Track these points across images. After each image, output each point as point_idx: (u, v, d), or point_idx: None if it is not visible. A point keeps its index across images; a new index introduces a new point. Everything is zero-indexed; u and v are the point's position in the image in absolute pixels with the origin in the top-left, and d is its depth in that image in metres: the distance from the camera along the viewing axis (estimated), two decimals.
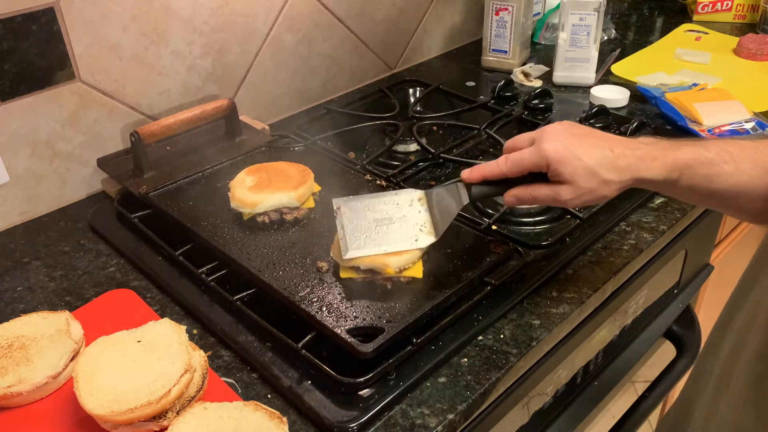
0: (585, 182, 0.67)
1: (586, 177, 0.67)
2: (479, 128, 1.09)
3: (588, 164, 0.67)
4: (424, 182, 0.98)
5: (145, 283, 0.83)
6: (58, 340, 0.69)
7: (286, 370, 0.68)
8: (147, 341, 0.66)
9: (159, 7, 0.99)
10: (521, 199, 0.71)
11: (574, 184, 0.68)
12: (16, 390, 0.64)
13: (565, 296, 0.78)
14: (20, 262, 0.88)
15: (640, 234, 0.89)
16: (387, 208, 0.76)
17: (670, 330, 1.10)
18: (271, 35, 1.15)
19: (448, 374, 0.69)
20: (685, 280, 1.10)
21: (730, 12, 1.59)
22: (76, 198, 1.01)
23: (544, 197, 0.70)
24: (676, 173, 0.66)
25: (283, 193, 0.85)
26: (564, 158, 0.67)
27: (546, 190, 0.70)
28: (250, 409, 0.62)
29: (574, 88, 1.30)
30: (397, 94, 1.23)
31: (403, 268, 0.73)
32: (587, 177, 0.67)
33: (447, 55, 1.50)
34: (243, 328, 0.73)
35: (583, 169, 0.67)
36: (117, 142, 1.02)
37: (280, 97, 1.22)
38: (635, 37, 1.56)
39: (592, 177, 0.67)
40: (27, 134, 0.92)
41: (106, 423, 0.61)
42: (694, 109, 1.11)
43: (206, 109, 1.00)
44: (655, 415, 1.45)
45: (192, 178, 0.95)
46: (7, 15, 0.85)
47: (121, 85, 0.99)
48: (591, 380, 0.94)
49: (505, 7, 1.31)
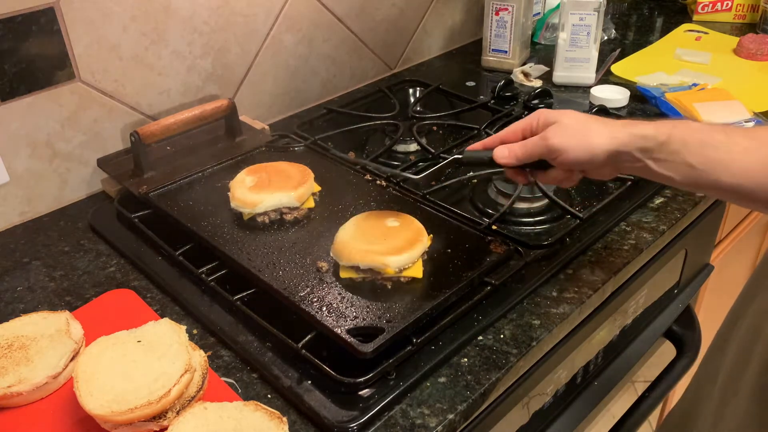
0: (569, 119, 0.68)
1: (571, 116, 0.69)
2: (479, 128, 1.09)
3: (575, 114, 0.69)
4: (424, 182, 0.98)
5: (145, 283, 0.83)
6: (58, 340, 0.69)
7: (286, 370, 0.68)
8: (147, 341, 0.66)
9: (159, 7, 0.99)
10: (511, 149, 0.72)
11: (559, 122, 0.69)
12: (16, 390, 0.64)
13: (565, 296, 0.78)
14: (20, 262, 0.88)
15: (640, 234, 0.89)
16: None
17: (670, 330, 1.10)
18: (271, 35, 1.15)
19: (448, 374, 0.69)
20: (685, 280, 1.10)
21: (730, 12, 1.59)
22: (76, 198, 1.01)
23: (532, 142, 0.71)
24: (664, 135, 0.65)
25: (283, 193, 0.85)
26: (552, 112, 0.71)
27: (535, 137, 0.71)
28: (250, 409, 0.62)
29: (574, 88, 1.30)
30: (397, 94, 1.23)
31: (403, 268, 0.73)
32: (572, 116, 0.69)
33: (447, 55, 1.50)
34: (243, 328, 0.73)
35: (570, 114, 0.69)
36: (117, 142, 1.02)
37: (280, 97, 1.22)
38: (635, 37, 1.56)
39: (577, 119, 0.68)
40: (27, 134, 0.92)
41: (106, 423, 0.61)
42: (694, 109, 1.11)
43: (206, 109, 1.00)
44: (655, 415, 1.45)
45: (192, 178, 0.95)
46: (7, 15, 0.85)
47: (121, 85, 0.99)
48: (591, 380, 0.94)
49: (505, 7, 1.31)
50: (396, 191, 0.92)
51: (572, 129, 0.68)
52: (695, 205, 0.95)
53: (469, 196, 0.95)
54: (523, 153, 0.71)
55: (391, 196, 0.91)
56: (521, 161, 0.72)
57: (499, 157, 0.72)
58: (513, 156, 0.72)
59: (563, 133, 0.68)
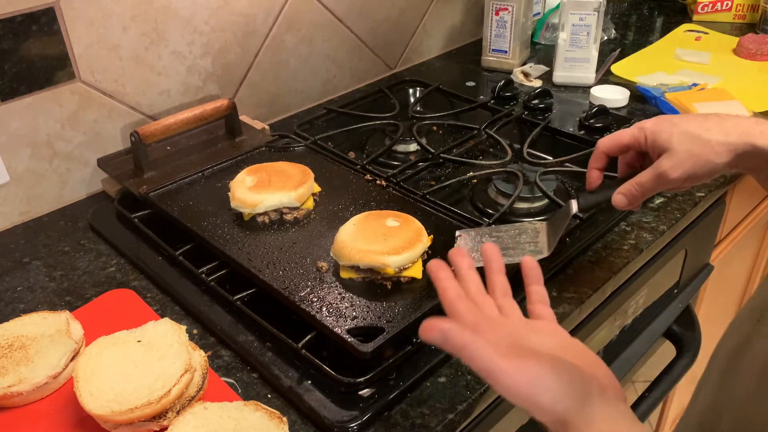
0: (682, 145, 0.62)
1: (683, 139, 0.62)
2: (479, 128, 1.09)
3: (685, 128, 0.62)
4: (424, 182, 0.98)
5: (145, 283, 0.83)
6: (58, 340, 0.69)
7: (286, 370, 0.68)
8: (147, 341, 0.66)
9: (159, 7, 0.99)
10: (628, 194, 0.67)
11: (672, 149, 0.62)
12: (16, 390, 0.64)
13: (565, 296, 0.78)
14: (20, 262, 0.88)
15: (640, 234, 0.89)
16: (504, 234, 0.76)
17: (670, 330, 1.10)
18: (271, 35, 1.15)
19: (448, 374, 0.69)
20: (685, 280, 1.10)
21: (730, 12, 1.59)
22: (76, 198, 1.01)
23: (647, 179, 0.65)
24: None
25: (283, 193, 0.85)
26: (660, 127, 0.64)
27: (648, 171, 0.65)
28: (250, 409, 0.62)
29: (574, 88, 1.30)
30: (397, 94, 1.23)
31: (403, 268, 0.73)
32: (685, 139, 0.62)
33: (447, 55, 1.50)
34: (243, 328, 0.73)
35: (680, 133, 0.62)
36: (117, 142, 1.02)
37: (280, 97, 1.22)
38: (635, 37, 1.56)
39: (691, 139, 0.62)
40: (27, 134, 0.92)
41: (106, 423, 0.61)
42: (694, 109, 1.11)
43: (206, 109, 1.00)
44: (655, 415, 1.45)
45: (192, 178, 0.95)
46: (7, 15, 0.85)
47: (121, 85, 0.99)
48: None
49: (505, 7, 1.31)
50: (396, 191, 0.92)
51: (687, 153, 0.62)
52: (695, 205, 0.95)
53: (469, 196, 0.95)
54: (642, 194, 0.67)
55: (391, 196, 0.91)
56: (641, 201, 0.69)
57: (621, 207, 0.69)
58: (633, 202, 0.68)
59: (679, 162, 0.63)
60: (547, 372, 0.46)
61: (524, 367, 0.46)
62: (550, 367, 0.46)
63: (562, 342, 0.52)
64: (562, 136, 1.09)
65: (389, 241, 0.75)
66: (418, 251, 0.75)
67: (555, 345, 0.51)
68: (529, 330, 0.52)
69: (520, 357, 0.46)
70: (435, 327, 0.47)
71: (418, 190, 0.91)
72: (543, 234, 0.74)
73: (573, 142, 1.07)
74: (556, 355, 0.48)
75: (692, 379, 1.36)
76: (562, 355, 0.49)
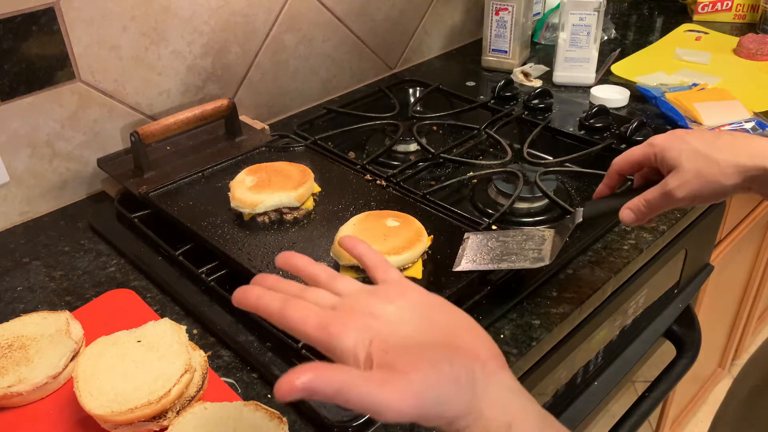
0: (691, 163, 0.60)
1: (692, 157, 0.60)
2: (479, 128, 1.09)
3: (695, 145, 0.60)
4: (424, 182, 0.98)
5: (145, 283, 0.83)
6: (58, 340, 0.69)
7: (286, 370, 0.68)
8: (147, 341, 0.66)
9: (159, 7, 0.99)
10: (636, 210, 0.66)
11: (680, 167, 0.61)
12: (16, 390, 0.64)
13: (565, 296, 0.78)
14: (20, 262, 0.88)
15: (640, 234, 0.89)
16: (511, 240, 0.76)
17: (670, 330, 1.10)
18: (271, 35, 1.15)
19: None
20: (685, 280, 1.10)
21: (730, 12, 1.59)
22: (76, 198, 1.01)
23: (654, 197, 0.64)
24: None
25: (283, 193, 0.85)
26: (670, 143, 0.62)
27: (656, 189, 0.64)
28: (250, 409, 0.62)
29: (574, 88, 1.30)
30: (397, 94, 1.23)
31: (403, 268, 0.73)
32: (693, 157, 0.60)
33: (447, 55, 1.50)
34: (243, 328, 0.73)
35: (689, 151, 0.60)
36: (117, 142, 1.02)
37: (280, 97, 1.22)
38: (635, 37, 1.56)
39: (699, 157, 0.60)
40: (27, 134, 0.92)
41: (106, 423, 0.61)
42: (694, 109, 1.11)
43: (206, 109, 1.00)
44: (655, 415, 1.45)
45: (192, 178, 0.95)
46: (7, 15, 0.85)
47: (121, 85, 0.99)
48: (591, 380, 0.94)
49: (505, 7, 1.31)
50: (396, 191, 0.92)
51: (694, 172, 0.61)
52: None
53: (469, 196, 0.95)
54: (650, 211, 0.66)
55: (391, 196, 0.91)
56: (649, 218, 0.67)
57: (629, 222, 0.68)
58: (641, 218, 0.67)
59: (686, 181, 0.61)
60: (429, 383, 0.40)
61: (405, 388, 0.40)
62: (432, 375, 0.41)
63: (423, 309, 0.47)
64: (562, 136, 1.10)
65: (389, 241, 0.75)
66: (418, 251, 0.75)
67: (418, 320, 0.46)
68: (382, 300, 0.47)
69: (396, 373, 0.41)
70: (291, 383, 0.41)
71: (418, 190, 0.91)
72: (549, 242, 0.74)
73: (573, 142, 1.07)
74: (430, 346, 0.44)
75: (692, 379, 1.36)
76: (431, 336, 0.45)
